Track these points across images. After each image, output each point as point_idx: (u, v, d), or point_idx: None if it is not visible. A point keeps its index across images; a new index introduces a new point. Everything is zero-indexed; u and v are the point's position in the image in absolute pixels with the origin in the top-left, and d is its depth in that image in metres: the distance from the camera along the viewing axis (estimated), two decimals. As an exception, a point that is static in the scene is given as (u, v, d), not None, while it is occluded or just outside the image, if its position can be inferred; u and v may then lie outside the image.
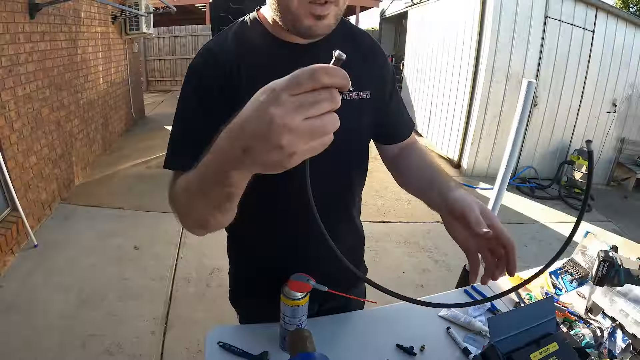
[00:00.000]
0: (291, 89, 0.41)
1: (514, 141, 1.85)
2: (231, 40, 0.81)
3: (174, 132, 0.81)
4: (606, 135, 5.89)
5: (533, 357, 0.86)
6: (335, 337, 0.99)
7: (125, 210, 3.72)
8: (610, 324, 1.22)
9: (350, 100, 0.86)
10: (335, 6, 0.72)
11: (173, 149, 0.80)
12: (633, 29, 5.49)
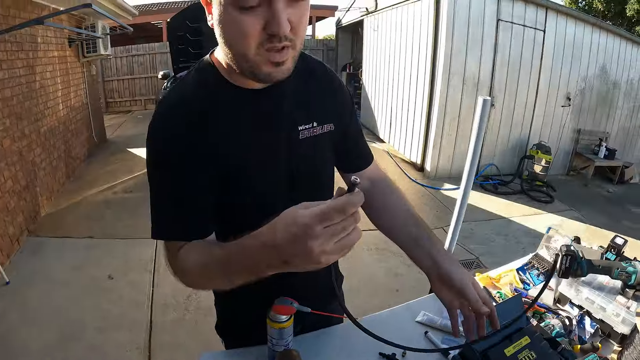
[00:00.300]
0: (323, 223, 0.51)
1: (472, 154, 1.93)
2: (191, 94, 0.78)
3: (158, 201, 0.79)
4: (563, 127, 6.20)
5: (507, 352, 0.92)
6: (321, 352, 1.02)
7: (95, 239, 3.63)
8: (578, 312, 1.30)
9: (316, 136, 0.88)
10: (292, 50, 0.70)
11: (162, 219, 0.79)
12: (582, 26, 5.85)
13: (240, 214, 0.85)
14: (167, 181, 0.77)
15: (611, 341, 1.22)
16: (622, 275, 1.32)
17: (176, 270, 0.78)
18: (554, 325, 1.20)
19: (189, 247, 0.76)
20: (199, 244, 0.76)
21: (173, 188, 0.77)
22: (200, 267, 0.73)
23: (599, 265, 1.36)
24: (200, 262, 0.73)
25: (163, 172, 0.77)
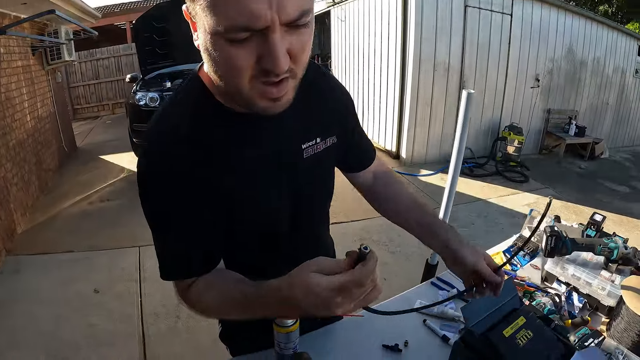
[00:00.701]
0: (342, 294, 0.56)
1: (458, 148, 1.97)
2: (187, 126, 0.69)
3: (162, 241, 0.75)
4: (533, 108, 6.37)
5: (506, 333, 0.95)
6: (326, 350, 1.03)
7: (76, 253, 3.53)
8: (565, 288, 1.35)
9: (320, 152, 0.85)
10: (293, 79, 0.61)
11: (169, 259, 0.76)
12: (548, 8, 6.00)
13: (244, 239, 0.85)
14: (170, 219, 0.72)
15: (599, 314, 1.28)
16: (605, 251, 1.39)
17: (191, 305, 0.77)
18: (544, 303, 1.25)
19: (202, 283, 0.75)
20: (212, 280, 0.75)
21: (178, 226, 0.72)
22: (219, 306, 0.74)
23: (582, 243, 1.42)
24: (218, 301, 0.73)
25: (165, 211, 0.71)
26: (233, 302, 0.70)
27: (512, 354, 0.92)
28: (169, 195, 0.69)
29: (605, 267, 1.42)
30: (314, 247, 1.02)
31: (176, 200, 0.70)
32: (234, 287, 0.71)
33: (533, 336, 0.98)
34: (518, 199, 4.77)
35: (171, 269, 0.76)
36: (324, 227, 1.04)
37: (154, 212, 0.72)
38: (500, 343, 0.92)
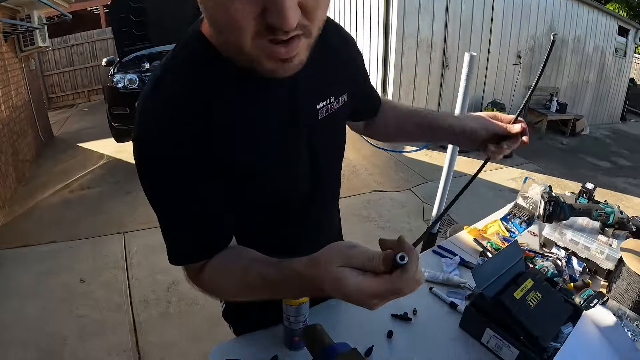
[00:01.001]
0: (377, 299, 0.52)
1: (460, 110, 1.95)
2: (186, 94, 0.61)
3: (168, 221, 0.68)
4: (515, 84, 6.42)
5: (516, 295, 0.94)
6: (335, 322, 1.00)
7: (59, 243, 3.41)
8: (564, 253, 1.35)
9: (333, 112, 0.78)
10: (306, 38, 0.54)
11: (176, 241, 0.69)
12: (530, -15, 5.97)
13: (260, 211, 0.78)
14: (173, 200, 0.64)
15: (598, 277, 1.29)
16: (601, 216, 1.40)
17: (203, 289, 0.72)
18: (547, 267, 1.24)
19: (214, 265, 0.69)
20: (226, 261, 0.69)
21: (182, 207, 0.65)
22: (234, 289, 0.69)
23: (580, 208, 1.43)
24: (233, 284, 0.68)
25: (166, 191, 0.64)
26: (250, 285, 0.64)
27: (524, 315, 0.90)
28: (170, 174, 0.62)
29: (602, 232, 1.43)
30: (330, 216, 0.99)
31: (178, 179, 0.62)
32: (250, 268, 0.64)
33: (542, 298, 0.97)
34: (503, 174, 4.83)
35: (179, 253, 0.70)
36: (337, 192, 0.98)
37: (154, 192, 0.65)
38: (512, 305, 0.91)
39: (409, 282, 0.49)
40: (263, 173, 0.70)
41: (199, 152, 0.61)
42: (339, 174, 0.94)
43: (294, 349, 0.92)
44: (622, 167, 5.70)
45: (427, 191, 4.23)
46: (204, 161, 0.62)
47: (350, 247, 0.52)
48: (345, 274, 0.50)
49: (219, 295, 0.73)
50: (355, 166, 4.77)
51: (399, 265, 0.48)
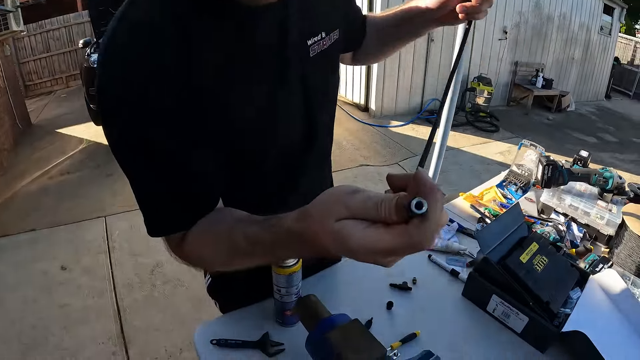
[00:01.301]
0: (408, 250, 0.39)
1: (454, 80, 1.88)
2: (157, 10, 0.51)
3: (144, 186, 0.57)
4: (500, 60, 6.37)
5: (523, 259, 0.88)
6: (332, 293, 0.94)
7: (39, 231, 3.27)
8: (564, 219, 1.30)
9: (325, 49, 0.71)
10: None
11: (154, 209, 0.59)
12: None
13: (250, 166, 0.68)
14: (147, 151, 0.53)
15: (598, 243, 1.25)
16: (600, 181, 1.35)
17: (187, 260, 0.63)
18: (548, 232, 1.19)
19: (196, 232, 0.59)
20: (208, 225, 0.59)
21: (159, 159, 0.54)
22: (219, 256, 0.59)
23: (578, 172, 1.38)
24: (217, 251, 0.58)
25: (138, 139, 0.52)
26: (236, 249, 0.54)
27: (532, 279, 0.85)
28: (139, 124, 0.51)
29: (600, 198, 1.39)
30: (323, 174, 0.91)
31: (149, 130, 0.52)
32: (235, 230, 0.54)
33: (548, 262, 0.92)
34: (490, 148, 4.82)
35: (157, 223, 0.60)
36: (330, 146, 0.90)
37: (122, 151, 0.54)
38: (519, 269, 0.85)
39: (431, 232, 0.36)
40: (251, 120, 0.61)
41: (173, 92, 0.51)
42: (332, 124, 0.86)
43: (286, 325, 0.85)
44: (608, 143, 5.74)
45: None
46: (180, 105, 0.52)
47: (352, 192, 0.39)
48: (348, 228, 0.38)
49: (204, 266, 0.63)
50: (341, 142, 4.69)
51: (416, 214, 0.35)
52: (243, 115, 0.60)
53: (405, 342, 0.82)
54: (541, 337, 0.81)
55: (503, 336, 0.85)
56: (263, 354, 0.80)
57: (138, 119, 0.51)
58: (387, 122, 5.51)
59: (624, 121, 7.11)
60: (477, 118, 5.73)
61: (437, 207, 0.36)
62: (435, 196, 0.36)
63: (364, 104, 5.86)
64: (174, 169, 0.55)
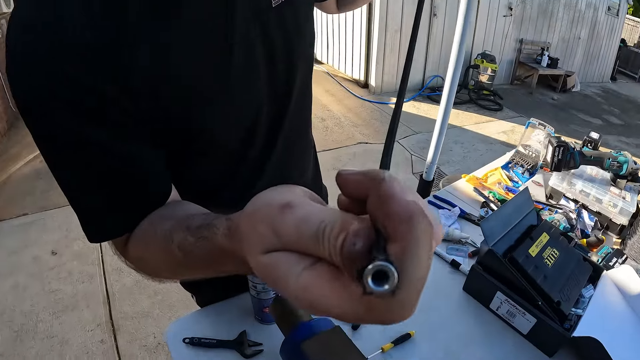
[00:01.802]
0: None
1: (458, 52, 1.78)
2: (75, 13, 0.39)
3: (73, 191, 0.48)
4: (505, 37, 6.17)
5: (532, 252, 0.79)
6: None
7: (30, 215, 3.20)
8: (574, 206, 1.21)
9: None
10: None
11: (91, 213, 0.49)
12: None
13: (200, 153, 0.57)
14: (72, 142, 0.43)
15: (610, 233, 1.16)
16: (614, 166, 1.26)
17: (134, 266, 0.52)
18: (558, 220, 1.10)
19: (138, 232, 0.49)
20: (150, 226, 0.48)
21: (85, 153, 0.44)
22: (163, 265, 0.47)
23: (591, 155, 1.28)
24: (160, 258, 0.46)
25: (60, 129, 0.42)
26: (172, 260, 0.42)
27: (541, 276, 0.75)
28: (59, 108, 0.41)
29: (613, 184, 1.29)
30: (301, 152, 0.77)
31: (71, 116, 0.41)
32: (173, 235, 0.41)
33: (560, 255, 0.83)
34: (494, 126, 4.70)
35: (94, 227, 0.50)
36: (308, 116, 0.76)
37: (46, 148, 0.45)
38: (528, 264, 0.76)
39: (409, 304, 0.20)
40: (200, 93, 0.49)
41: (93, 70, 0.40)
42: (309, 89, 0.72)
43: (265, 322, 0.77)
44: (614, 125, 5.61)
45: (415, 143, 4.08)
46: (102, 84, 0.41)
47: (282, 208, 0.24)
48: (278, 267, 0.24)
49: (149, 273, 0.51)
50: (339, 118, 4.57)
51: (376, 293, 0.19)
52: (189, 89, 0.48)
53: (398, 344, 0.74)
54: (550, 340, 0.72)
55: (507, 338, 0.77)
56: (239, 355, 0.72)
57: (53, 110, 0.41)
58: (387, 99, 5.33)
59: (629, 104, 6.94)
60: (480, 96, 5.56)
61: (416, 257, 0.19)
62: (413, 234, 0.19)
63: (364, 80, 5.66)
64: (103, 164, 0.45)
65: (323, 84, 5.57)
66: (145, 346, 1.95)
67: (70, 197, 0.47)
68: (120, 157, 0.45)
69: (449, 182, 1.44)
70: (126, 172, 0.46)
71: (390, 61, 5.43)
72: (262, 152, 0.64)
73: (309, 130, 0.79)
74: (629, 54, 9.41)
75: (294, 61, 0.61)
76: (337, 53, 6.23)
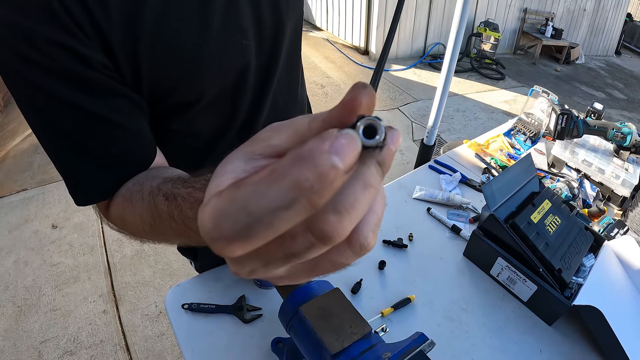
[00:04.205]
0: None
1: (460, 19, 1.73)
2: None
3: (55, 153, 0.46)
4: (509, 6, 6.02)
5: (534, 219, 0.78)
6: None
7: (30, 190, 3.20)
8: (576, 175, 1.20)
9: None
10: None
11: (78, 174, 0.47)
12: None
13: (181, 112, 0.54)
14: (49, 116, 0.42)
15: (611, 205, 1.15)
16: (618, 136, 1.23)
17: (117, 227, 0.51)
18: (560, 188, 1.09)
19: (119, 194, 0.47)
20: (131, 188, 0.46)
21: (62, 112, 0.42)
22: (143, 227, 0.44)
23: (595, 125, 1.25)
24: (140, 219, 0.43)
25: (33, 91, 0.41)
26: (151, 222, 0.41)
27: (542, 242, 0.74)
28: (30, 67, 0.39)
29: (616, 155, 1.27)
30: (291, 110, 0.73)
31: (44, 75, 0.39)
32: (152, 196, 0.41)
33: (561, 223, 0.81)
34: (496, 95, 4.64)
35: (79, 189, 0.48)
36: (297, 74, 0.73)
37: (24, 110, 0.43)
38: (529, 230, 0.75)
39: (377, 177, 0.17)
40: (173, 44, 0.46)
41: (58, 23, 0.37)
42: (299, 47, 0.68)
43: (265, 287, 0.76)
44: (617, 99, 5.53)
45: (416, 110, 4.03)
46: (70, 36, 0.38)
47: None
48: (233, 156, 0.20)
49: (130, 232, 0.49)
50: (339, 85, 4.49)
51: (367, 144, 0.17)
52: (164, 38, 0.45)
53: (398, 308, 0.74)
54: (550, 308, 0.72)
55: (507, 304, 0.77)
56: (238, 320, 0.72)
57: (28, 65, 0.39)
58: (388, 65, 5.22)
59: (633, 79, 6.83)
60: (482, 65, 5.46)
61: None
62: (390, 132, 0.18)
63: (364, 46, 5.52)
64: (79, 123, 0.43)
65: (323, 50, 5.45)
66: (147, 315, 1.97)
67: (54, 161, 0.46)
68: (102, 118, 0.43)
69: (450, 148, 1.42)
70: (109, 134, 0.44)
71: (391, 28, 5.30)
72: (251, 108, 0.61)
73: (301, 90, 0.76)
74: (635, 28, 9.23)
75: (277, 5, 0.56)
76: (337, 20, 6.05)
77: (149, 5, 0.42)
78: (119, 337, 1.89)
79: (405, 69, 5.11)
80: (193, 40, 0.47)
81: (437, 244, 0.89)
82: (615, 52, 8.43)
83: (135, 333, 1.90)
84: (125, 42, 0.42)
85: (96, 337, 1.90)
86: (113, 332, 1.91)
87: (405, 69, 5.13)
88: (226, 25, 0.49)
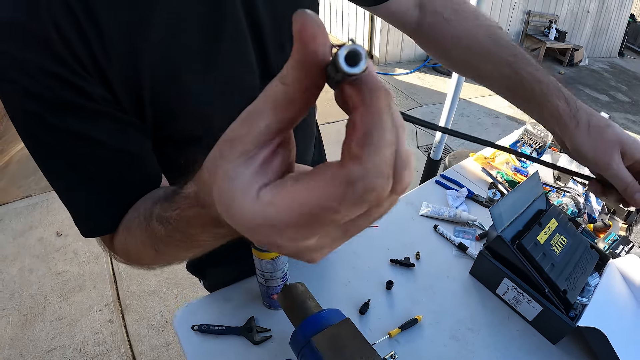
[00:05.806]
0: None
1: None
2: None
3: (61, 191, 0.46)
4: (513, 8, 6.02)
5: (540, 239, 0.78)
6: (325, 270, 0.85)
7: (34, 197, 3.20)
8: (582, 189, 1.20)
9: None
10: None
11: (86, 212, 0.47)
12: None
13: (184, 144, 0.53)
14: (54, 159, 0.43)
15: (616, 218, 1.15)
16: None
17: (120, 257, 0.50)
18: (566, 204, 1.09)
19: (122, 227, 0.47)
20: (130, 215, 0.46)
21: (61, 150, 0.42)
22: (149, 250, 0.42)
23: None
24: (144, 242, 0.42)
25: (40, 149, 0.43)
26: (154, 238, 0.39)
27: (548, 264, 0.75)
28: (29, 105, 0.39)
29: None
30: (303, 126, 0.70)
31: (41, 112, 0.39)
32: (152, 214, 0.39)
33: (567, 242, 0.82)
34: (499, 100, 4.63)
35: (85, 223, 0.47)
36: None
37: (29, 148, 0.44)
38: (536, 251, 0.75)
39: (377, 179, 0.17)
40: (177, 78, 0.45)
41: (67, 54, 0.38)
42: None
43: (274, 308, 0.77)
44: (621, 102, 5.51)
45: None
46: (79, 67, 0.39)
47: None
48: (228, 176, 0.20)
49: (134, 261, 0.48)
50: None
51: (349, 76, 0.17)
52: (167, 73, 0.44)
53: (405, 329, 0.74)
54: (554, 328, 0.72)
55: (512, 323, 0.77)
56: (248, 341, 0.73)
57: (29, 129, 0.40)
58: (391, 69, 5.22)
59: (636, 80, 6.81)
60: (486, 68, 5.47)
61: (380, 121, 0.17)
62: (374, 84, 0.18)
63: (368, 49, 5.53)
64: (81, 155, 0.43)
65: (326, 54, 5.47)
66: (153, 325, 1.98)
67: (56, 190, 0.46)
68: (97, 149, 0.43)
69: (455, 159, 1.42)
70: (113, 164, 0.44)
71: (395, 31, 5.31)
72: None
73: (312, 119, 0.76)
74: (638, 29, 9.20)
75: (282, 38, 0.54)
76: (340, 22, 6.07)
77: (150, 42, 0.41)
78: (125, 347, 1.90)
79: (409, 73, 5.11)
80: (196, 81, 0.47)
81: (444, 263, 0.89)
82: (619, 53, 8.42)
83: (142, 343, 1.90)
84: (127, 83, 0.42)
85: (102, 346, 1.90)
86: (119, 341, 1.92)
87: (409, 73, 5.13)
88: (232, 61, 0.49)
